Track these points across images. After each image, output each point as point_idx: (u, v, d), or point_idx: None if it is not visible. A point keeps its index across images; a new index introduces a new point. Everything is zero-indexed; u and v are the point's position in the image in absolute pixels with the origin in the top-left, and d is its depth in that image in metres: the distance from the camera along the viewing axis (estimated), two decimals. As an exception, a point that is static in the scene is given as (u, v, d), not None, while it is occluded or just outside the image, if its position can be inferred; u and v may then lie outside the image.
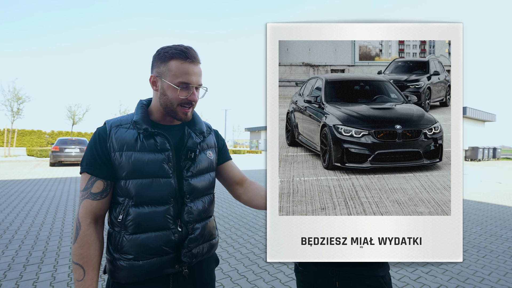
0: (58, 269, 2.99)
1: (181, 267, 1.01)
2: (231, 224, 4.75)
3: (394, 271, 3.08)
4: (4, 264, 3.06)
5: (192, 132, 1.08)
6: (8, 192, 7.05)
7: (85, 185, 0.96)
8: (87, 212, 0.94)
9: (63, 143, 14.28)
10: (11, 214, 5.08)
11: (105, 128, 1.00)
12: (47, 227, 4.40)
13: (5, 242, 3.72)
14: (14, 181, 8.89)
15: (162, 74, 0.97)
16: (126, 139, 0.98)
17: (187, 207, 1.01)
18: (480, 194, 7.97)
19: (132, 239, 0.95)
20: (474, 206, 6.42)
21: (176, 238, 0.99)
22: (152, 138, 0.99)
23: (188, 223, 1.01)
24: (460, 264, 3.30)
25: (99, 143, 0.98)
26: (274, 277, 2.92)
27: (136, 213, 0.95)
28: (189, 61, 0.95)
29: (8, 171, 11.55)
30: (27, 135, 35.63)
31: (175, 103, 0.98)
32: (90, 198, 0.94)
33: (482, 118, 27.58)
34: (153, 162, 0.97)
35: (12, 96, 19.70)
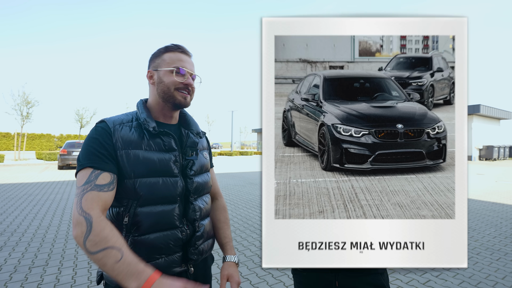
0: (63, 271, 3.00)
1: (187, 266, 1.02)
2: (236, 227, 4.72)
3: (402, 274, 3.00)
4: (10, 266, 3.09)
5: (189, 132, 1.09)
6: (17, 195, 7.18)
7: (87, 179, 0.85)
8: (93, 203, 0.83)
9: (71, 146, 14.50)
10: (19, 216, 5.15)
11: (107, 125, 0.95)
12: (53, 229, 4.44)
13: (12, 244, 3.76)
14: (23, 184, 9.05)
15: (157, 66, 1.02)
16: (132, 138, 0.95)
17: (192, 205, 1.03)
18: (495, 195, 7.76)
19: (141, 240, 0.92)
20: (489, 207, 6.24)
21: (184, 237, 1.00)
22: (159, 137, 0.99)
23: (194, 221, 1.03)
24: (472, 267, 3.19)
25: (103, 138, 0.92)
26: (278, 280, 2.88)
27: (144, 213, 0.93)
28: (181, 51, 1.02)
29: (17, 175, 11.78)
30: (37, 138, 36.37)
31: (172, 87, 0.99)
32: (95, 190, 0.84)
33: (497, 115, 26.69)
34: (162, 162, 0.97)
35: (22, 101, 20.14)
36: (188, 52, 1.04)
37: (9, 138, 34.62)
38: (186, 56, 1.03)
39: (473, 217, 5.42)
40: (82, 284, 2.75)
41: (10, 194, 7.29)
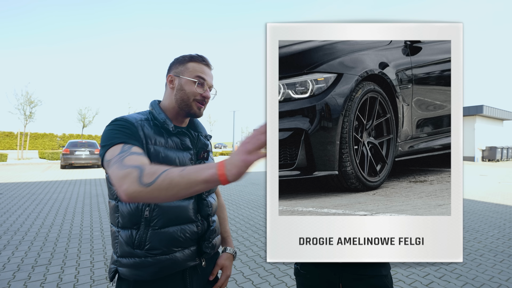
0: (65, 270, 3.01)
1: (200, 260, 1.07)
2: (238, 227, 4.72)
3: (405, 276, 2.99)
4: (14, 265, 3.10)
5: (199, 135, 1.15)
6: (20, 194, 7.22)
7: (120, 149, 0.80)
8: (136, 161, 0.74)
9: (74, 145, 14.56)
10: (22, 215, 5.18)
11: (128, 120, 0.94)
12: (56, 228, 4.46)
13: (15, 243, 3.79)
14: (26, 183, 9.11)
15: (179, 73, 1.06)
16: (154, 135, 0.98)
17: (205, 201, 1.08)
18: (498, 196, 7.73)
19: (160, 232, 0.97)
20: (492, 209, 6.22)
21: (199, 230, 1.05)
22: (177, 137, 1.05)
23: (208, 216, 1.08)
24: (475, 269, 3.18)
25: (129, 127, 0.91)
26: (280, 280, 2.88)
27: (163, 207, 0.98)
28: (205, 63, 1.08)
29: (20, 174, 11.85)
30: (39, 138, 36.58)
31: (191, 97, 1.04)
32: (134, 155, 0.78)
33: (500, 116, 26.53)
34: (181, 160, 1.03)
35: (25, 100, 20.24)
36: (210, 65, 1.11)
37: (12, 138, 34.84)
38: (208, 69, 1.09)
39: (476, 218, 5.39)
40: (85, 283, 2.76)
41: (13, 193, 7.34)
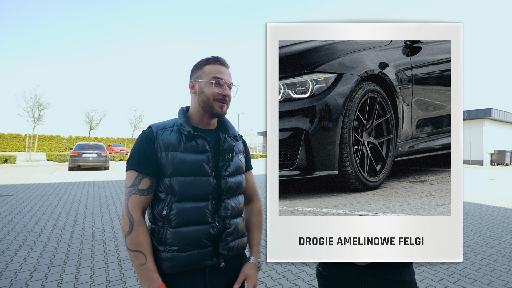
0: (81, 271, 3.05)
1: (218, 260, 1.09)
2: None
3: (419, 280, 2.97)
4: (30, 265, 3.15)
5: (226, 136, 1.17)
6: (31, 196, 7.32)
7: (133, 181, 1.04)
8: (136, 206, 1.03)
9: (81, 148, 14.73)
10: (34, 217, 5.26)
11: (151, 130, 1.09)
12: (69, 230, 4.52)
13: (30, 244, 3.84)
14: (36, 185, 9.23)
15: (199, 77, 1.11)
16: (171, 141, 1.07)
17: (224, 203, 1.10)
18: (509, 200, 7.62)
19: (175, 232, 1.03)
20: (503, 213, 6.13)
21: (215, 232, 1.07)
22: (194, 140, 1.09)
23: (225, 218, 1.10)
24: (490, 274, 3.14)
25: (147, 144, 1.07)
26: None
27: (179, 208, 1.04)
28: (220, 63, 1.11)
29: (29, 175, 12.01)
30: (47, 140, 37.02)
31: (211, 97, 1.08)
32: (138, 194, 1.04)
33: (509, 119, 26.03)
34: (195, 162, 1.07)
35: (34, 103, 20.52)
36: (226, 63, 1.13)
37: (19, 140, 35.30)
38: (224, 67, 1.11)
39: (488, 223, 5.33)
40: (101, 283, 2.79)
41: (24, 195, 7.44)
